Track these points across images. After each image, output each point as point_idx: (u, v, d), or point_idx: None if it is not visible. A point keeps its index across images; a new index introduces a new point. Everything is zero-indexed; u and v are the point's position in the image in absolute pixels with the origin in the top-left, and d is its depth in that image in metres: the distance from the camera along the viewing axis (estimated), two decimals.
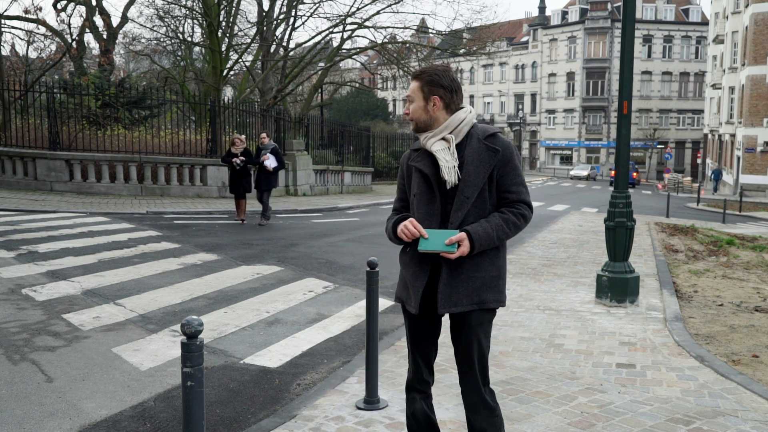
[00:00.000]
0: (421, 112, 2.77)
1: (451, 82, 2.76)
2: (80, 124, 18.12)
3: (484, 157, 2.70)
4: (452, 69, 2.89)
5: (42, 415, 3.86)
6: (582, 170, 55.66)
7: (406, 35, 29.59)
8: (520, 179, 2.77)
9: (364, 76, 57.74)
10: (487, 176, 2.69)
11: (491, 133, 2.78)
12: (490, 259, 2.75)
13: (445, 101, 2.75)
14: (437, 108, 2.75)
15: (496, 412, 2.88)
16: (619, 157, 6.94)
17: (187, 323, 2.47)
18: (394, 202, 3.03)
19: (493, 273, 2.75)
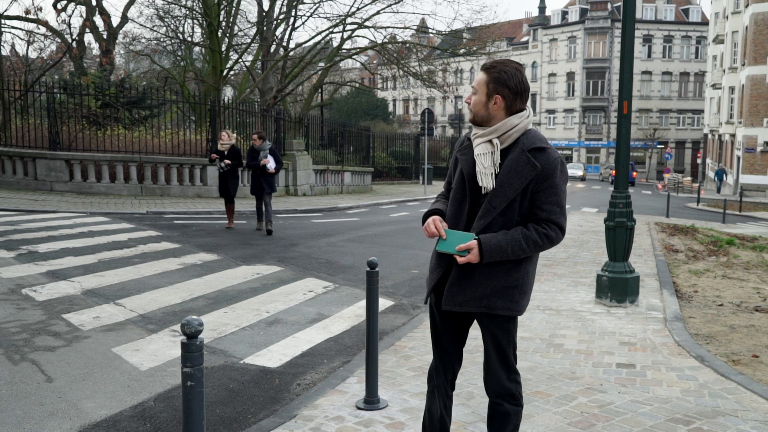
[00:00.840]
0: (481, 106, 2.71)
1: (518, 84, 2.71)
2: (80, 124, 18.12)
3: (522, 170, 2.62)
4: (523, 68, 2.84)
5: (42, 415, 3.86)
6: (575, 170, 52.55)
7: (406, 35, 29.62)
8: (556, 199, 2.70)
9: (364, 76, 57.74)
10: (520, 189, 2.63)
11: (537, 147, 2.65)
12: (506, 269, 2.70)
13: (507, 102, 2.69)
14: (498, 107, 2.69)
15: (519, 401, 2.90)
16: (619, 157, 6.94)
17: (187, 323, 2.47)
18: (444, 185, 3.03)
19: (509, 283, 2.70)
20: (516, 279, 2.72)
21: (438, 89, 29.17)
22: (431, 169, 31.04)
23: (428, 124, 27.35)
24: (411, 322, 6.15)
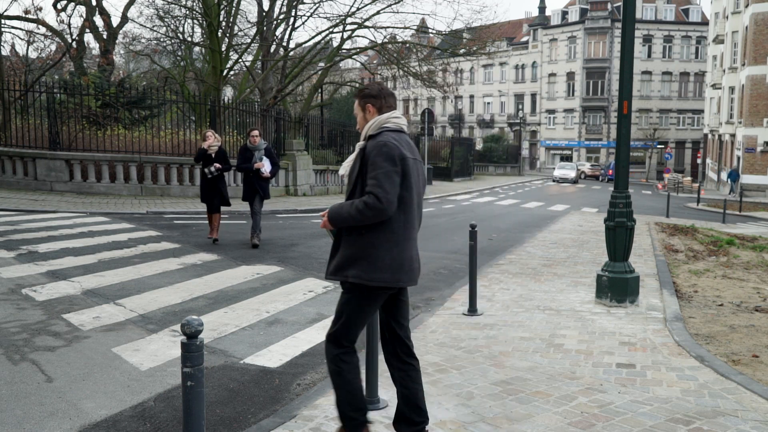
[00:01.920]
0: (362, 120, 3.37)
1: (380, 91, 3.33)
2: (80, 124, 18.12)
3: (358, 157, 3.25)
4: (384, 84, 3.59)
5: (42, 415, 3.86)
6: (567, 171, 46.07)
7: (406, 35, 29.60)
8: (374, 173, 3.09)
9: (364, 76, 57.72)
10: (356, 172, 3.22)
11: (371, 135, 3.26)
12: (352, 239, 3.20)
13: (377, 106, 3.31)
14: (372, 113, 3.33)
15: (333, 366, 3.28)
16: (619, 157, 6.94)
17: (187, 323, 2.47)
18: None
19: (354, 252, 3.18)
20: (361, 249, 3.16)
21: (438, 89, 29.17)
22: (431, 169, 31.04)
23: (428, 124, 27.35)
24: (411, 322, 6.14)
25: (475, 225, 6.51)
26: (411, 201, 3.22)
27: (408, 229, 3.25)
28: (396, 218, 3.17)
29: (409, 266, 3.25)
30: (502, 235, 13.46)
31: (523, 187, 38.38)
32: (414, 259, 3.30)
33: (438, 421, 3.81)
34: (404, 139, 3.25)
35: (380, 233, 3.15)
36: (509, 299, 7.11)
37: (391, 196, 3.06)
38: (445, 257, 10.16)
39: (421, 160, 3.35)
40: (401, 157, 3.12)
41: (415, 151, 3.30)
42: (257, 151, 10.06)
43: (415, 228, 3.34)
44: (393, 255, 3.18)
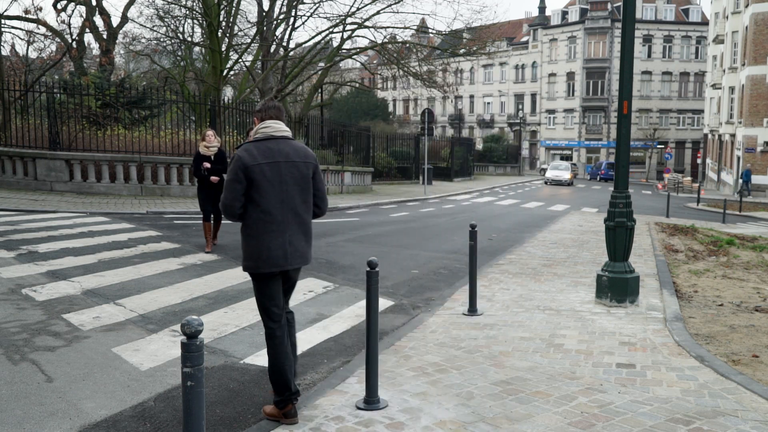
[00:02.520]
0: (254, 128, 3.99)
1: (260, 107, 3.95)
2: (80, 124, 18.11)
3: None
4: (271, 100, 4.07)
5: (42, 415, 3.86)
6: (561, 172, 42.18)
7: (406, 35, 29.60)
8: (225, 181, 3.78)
9: (364, 76, 57.75)
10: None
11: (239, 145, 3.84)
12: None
13: (260, 118, 3.91)
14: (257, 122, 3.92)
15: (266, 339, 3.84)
16: (619, 157, 6.94)
17: (187, 323, 2.47)
18: None
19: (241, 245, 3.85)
20: (241, 244, 3.84)
21: (438, 89, 29.17)
22: (431, 169, 31.03)
23: (428, 124, 27.35)
24: (411, 322, 6.15)
25: (475, 225, 6.51)
26: (266, 201, 3.69)
27: (267, 223, 3.71)
28: (251, 217, 3.71)
29: (269, 255, 3.71)
30: (502, 235, 13.46)
31: (523, 187, 38.39)
32: (273, 247, 3.71)
33: (438, 421, 3.81)
34: (267, 146, 3.76)
35: (242, 230, 3.80)
36: (509, 299, 7.11)
37: (228, 201, 3.69)
38: (445, 257, 10.16)
39: (293, 160, 3.80)
40: (244, 168, 3.66)
41: (284, 153, 3.77)
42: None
43: (278, 222, 3.73)
44: (252, 247, 3.73)
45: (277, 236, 3.72)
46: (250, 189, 3.68)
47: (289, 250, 3.76)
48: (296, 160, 3.82)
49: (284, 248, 3.75)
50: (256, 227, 3.72)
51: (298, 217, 3.82)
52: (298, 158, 3.83)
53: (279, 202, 3.73)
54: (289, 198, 3.77)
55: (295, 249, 3.80)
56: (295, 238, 3.80)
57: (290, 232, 3.77)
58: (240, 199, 3.67)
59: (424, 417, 3.86)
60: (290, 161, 3.79)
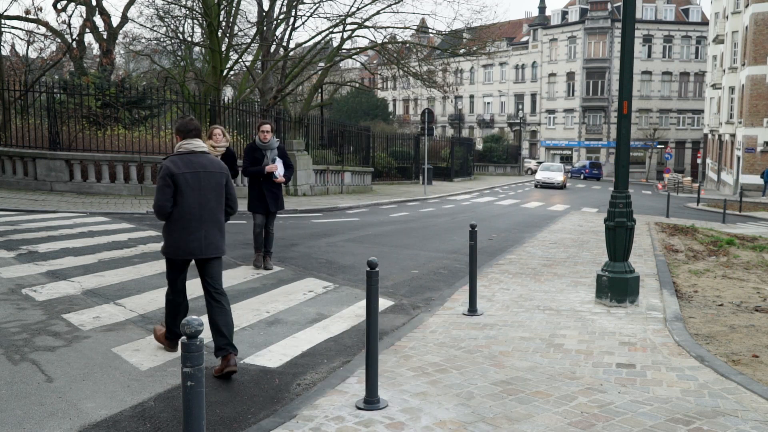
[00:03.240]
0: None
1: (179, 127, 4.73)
2: (80, 124, 18.11)
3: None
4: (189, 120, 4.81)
5: (42, 415, 3.86)
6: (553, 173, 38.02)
7: (406, 35, 29.62)
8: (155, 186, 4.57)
9: (364, 76, 57.76)
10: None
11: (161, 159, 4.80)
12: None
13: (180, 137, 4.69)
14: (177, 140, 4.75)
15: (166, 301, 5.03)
16: (619, 157, 6.94)
17: (187, 323, 2.47)
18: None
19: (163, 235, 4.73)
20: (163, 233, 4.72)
21: (438, 89, 29.18)
22: (431, 169, 31.04)
23: (428, 124, 27.35)
24: (411, 322, 6.15)
25: (475, 225, 6.51)
26: (187, 203, 4.54)
27: (187, 221, 4.57)
28: (174, 215, 4.56)
29: (186, 246, 4.62)
30: (502, 235, 13.47)
31: (523, 187, 38.38)
32: (191, 240, 4.60)
33: (438, 421, 3.81)
34: (189, 158, 4.61)
35: (166, 225, 4.65)
36: (509, 299, 7.11)
37: (161, 203, 4.51)
38: (445, 257, 10.16)
39: (210, 171, 4.64)
40: (170, 174, 4.49)
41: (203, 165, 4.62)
42: (269, 151, 8.19)
43: (195, 219, 4.59)
44: (173, 239, 4.62)
45: (194, 231, 4.60)
46: (175, 193, 4.53)
47: (204, 243, 4.64)
48: (212, 171, 4.69)
49: (200, 241, 4.62)
50: (178, 223, 4.58)
51: (213, 216, 4.68)
52: (213, 169, 4.70)
53: (198, 204, 4.59)
54: (206, 201, 4.63)
55: (209, 242, 4.67)
56: (210, 233, 4.66)
57: (206, 228, 4.64)
58: (170, 200, 4.51)
59: (424, 417, 3.86)
60: (207, 171, 4.65)
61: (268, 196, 8.20)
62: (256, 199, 8.30)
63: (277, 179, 8.22)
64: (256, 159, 8.17)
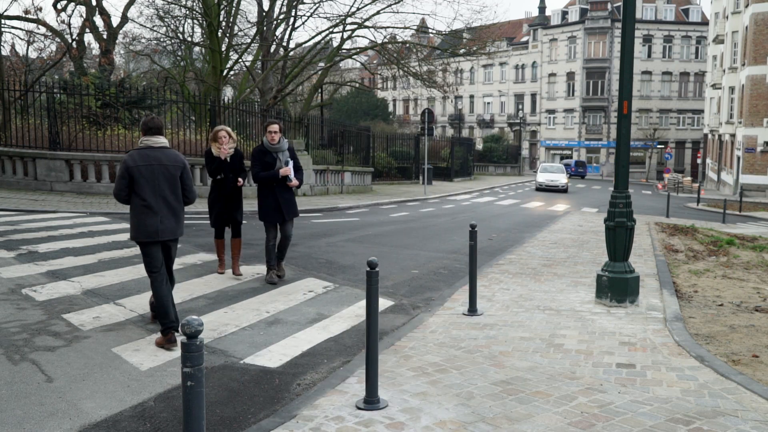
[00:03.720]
0: None
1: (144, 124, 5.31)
2: (80, 124, 18.11)
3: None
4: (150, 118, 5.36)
5: (42, 415, 3.86)
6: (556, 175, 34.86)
7: (406, 35, 29.62)
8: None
9: (364, 76, 57.76)
10: None
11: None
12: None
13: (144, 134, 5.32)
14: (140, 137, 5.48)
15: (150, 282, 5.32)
16: (619, 157, 6.94)
17: (187, 323, 2.47)
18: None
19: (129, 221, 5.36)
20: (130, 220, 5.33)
21: (438, 89, 29.18)
22: (431, 169, 31.05)
23: (428, 124, 27.35)
24: (411, 322, 6.15)
25: (475, 225, 6.51)
26: (144, 192, 5.13)
27: (145, 208, 5.16)
28: (134, 203, 5.18)
29: (144, 229, 5.16)
30: (502, 235, 13.47)
31: (523, 187, 38.39)
32: (149, 225, 5.15)
33: (438, 421, 3.81)
34: (146, 153, 5.19)
35: (130, 212, 5.25)
36: (509, 299, 7.11)
37: (117, 191, 5.19)
38: (445, 257, 10.16)
39: (165, 164, 5.19)
40: (127, 168, 5.12)
41: (158, 159, 5.19)
42: (281, 153, 7.38)
43: (154, 207, 5.15)
44: (135, 224, 5.21)
45: (151, 217, 5.17)
46: (132, 184, 5.14)
47: (160, 227, 5.19)
48: (167, 164, 5.24)
49: (157, 226, 5.18)
50: (137, 210, 5.19)
51: (168, 204, 5.23)
52: (168, 162, 5.25)
53: (153, 193, 5.17)
54: (161, 190, 5.19)
55: (165, 226, 5.22)
56: (166, 218, 5.22)
57: (162, 214, 5.19)
58: (125, 189, 5.17)
59: (424, 417, 3.86)
60: (162, 164, 5.22)
61: (282, 204, 7.37)
62: (269, 208, 7.39)
63: (291, 183, 7.41)
64: (266, 163, 7.31)
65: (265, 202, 7.41)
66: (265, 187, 7.40)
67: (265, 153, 7.35)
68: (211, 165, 7.59)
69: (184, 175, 5.35)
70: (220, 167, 7.57)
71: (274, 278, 7.56)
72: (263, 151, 7.37)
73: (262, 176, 7.32)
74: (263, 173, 7.32)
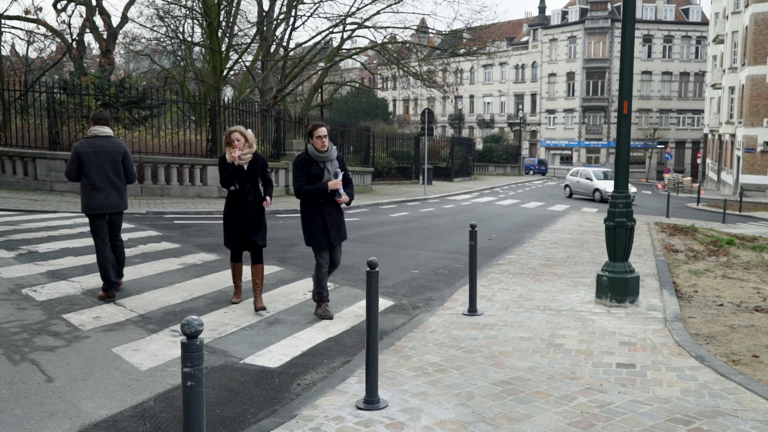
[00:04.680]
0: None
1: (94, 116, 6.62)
2: (80, 124, 18.11)
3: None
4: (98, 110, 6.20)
5: (42, 415, 3.86)
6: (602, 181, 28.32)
7: (406, 35, 29.61)
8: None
9: (364, 76, 57.75)
10: None
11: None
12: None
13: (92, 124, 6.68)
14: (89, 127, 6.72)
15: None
16: (619, 157, 6.94)
17: (187, 323, 2.47)
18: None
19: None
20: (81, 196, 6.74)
21: (438, 89, 29.18)
22: (431, 169, 31.05)
23: (428, 124, 27.36)
24: (411, 322, 6.15)
25: (475, 225, 6.51)
26: (91, 174, 6.39)
27: (93, 188, 6.43)
28: (83, 183, 6.43)
29: (91, 204, 6.45)
30: (502, 235, 13.46)
31: (523, 187, 38.39)
32: (95, 200, 6.45)
33: (438, 421, 3.81)
34: (93, 141, 6.45)
35: (81, 189, 6.50)
36: (509, 299, 7.11)
37: (67, 172, 6.46)
38: (445, 257, 10.16)
39: (109, 150, 6.46)
40: (77, 153, 6.36)
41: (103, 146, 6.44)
42: (329, 163, 6.05)
43: (100, 186, 6.43)
44: (85, 200, 6.47)
45: (97, 194, 6.45)
46: (81, 167, 6.37)
47: (104, 202, 6.48)
48: (111, 150, 6.49)
49: (102, 201, 6.47)
50: (86, 189, 6.45)
51: (112, 183, 6.51)
52: (111, 149, 6.50)
53: (98, 174, 6.42)
54: (105, 173, 6.45)
55: (109, 202, 6.52)
56: (110, 195, 6.51)
57: (106, 192, 6.48)
58: (74, 171, 6.38)
59: (424, 417, 3.86)
60: (106, 151, 6.46)
61: (330, 225, 6.08)
62: (317, 229, 6.07)
63: (341, 199, 6.09)
64: (312, 175, 5.98)
65: (310, 222, 6.10)
66: (310, 204, 6.07)
67: (311, 163, 6.02)
68: (223, 172, 6.27)
69: (125, 159, 6.62)
70: (234, 176, 6.21)
71: (330, 313, 6.25)
72: (308, 161, 6.03)
73: (307, 191, 5.97)
74: (308, 187, 5.97)
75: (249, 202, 6.31)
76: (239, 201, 6.31)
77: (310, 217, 6.10)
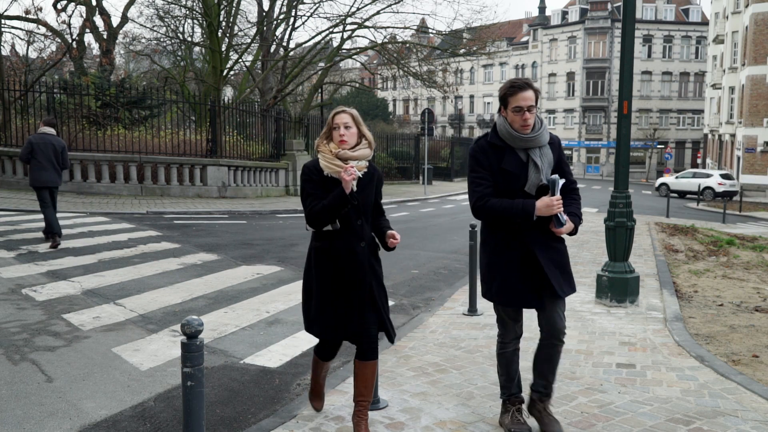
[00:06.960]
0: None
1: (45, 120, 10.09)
2: (80, 124, 18.12)
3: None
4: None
5: (42, 415, 3.86)
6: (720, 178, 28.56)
7: (406, 35, 29.60)
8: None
9: (364, 76, 57.72)
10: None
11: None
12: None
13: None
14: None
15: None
16: (619, 157, 6.94)
17: (187, 323, 2.47)
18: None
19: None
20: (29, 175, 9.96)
21: (438, 89, 29.17)
22: (431, 169, 31.04)
23: (428, 124, 27.36)
24: (411, 322, 6.15)
25: (475, 225, 6.51)
26: (38, 158, 9.00)
27: (39, 167, 9.04)
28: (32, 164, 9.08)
29: (39, 178, 9.07)
30: None
31: None
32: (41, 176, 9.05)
33: (438, 421, 3.81)
34: (42, 136, 9.23)
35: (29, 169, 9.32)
36: None
37: (21, 155, 9.28)
38: (445, 257, 10.16)
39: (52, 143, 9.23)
40: (30, 143, 9.12)
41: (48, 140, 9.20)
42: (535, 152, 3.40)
43: (42, 166, 9.06)
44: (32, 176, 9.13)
45: (42, 173, 9.04)
46: (32, 152, 9.03)
47: (48, 178, 9.08)
48: (54, 143, 9.18)
49: (46, 177, 9.06)
50: (34, 168, 9.04)
51: (53, 166, 9.13)
52: (54, 143, 9.20)
53: (44, 158, 9.03)
54: (49, 158, 9.08)
55: (51, 178, 9.12)
56: (51, 174, 9.12)
57: (48, 172, 9.06)
58: (27, 156, 9.01)
59: (424, 417, 3.86)
60: (50, 143, 9.14)
61: (547, 269, 3.77)
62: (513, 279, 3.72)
63: (560, 230, 3.82)
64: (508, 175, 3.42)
65: (497, 262, 3.63)
66: (499, 230, 3.55)
67: (500, 151, 3.41)
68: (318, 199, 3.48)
69: (63, 152, 9.31)
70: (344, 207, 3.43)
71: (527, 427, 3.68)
72: (495, 146, 3.43)
73: (498, 207, 3.41)
74: (498, 202, 3.41)
75: (361, 252, 3.67)
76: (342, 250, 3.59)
77: (499, 255, 3.57)
